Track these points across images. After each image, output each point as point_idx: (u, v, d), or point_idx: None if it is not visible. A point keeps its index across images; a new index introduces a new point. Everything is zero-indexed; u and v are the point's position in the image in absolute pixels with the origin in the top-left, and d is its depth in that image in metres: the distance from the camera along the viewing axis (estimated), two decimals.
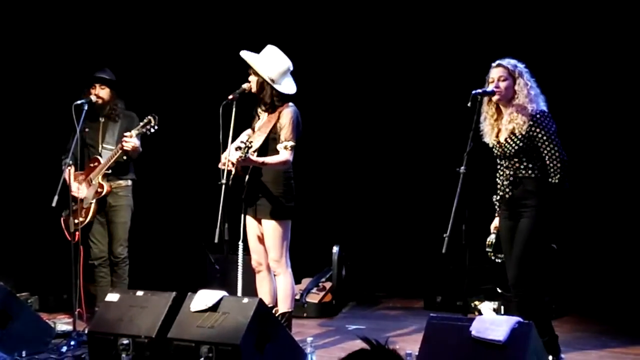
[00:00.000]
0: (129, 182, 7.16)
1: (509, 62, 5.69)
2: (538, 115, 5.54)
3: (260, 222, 6.22)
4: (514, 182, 5.66)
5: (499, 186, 5.80)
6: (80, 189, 6.99)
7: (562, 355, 5.74)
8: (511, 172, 5.66)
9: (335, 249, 8.27)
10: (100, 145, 7.06)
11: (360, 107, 9.15)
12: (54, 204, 6.33)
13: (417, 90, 8.84)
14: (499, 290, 7.83)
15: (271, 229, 6.15)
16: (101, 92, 7.02)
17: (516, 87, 5.62)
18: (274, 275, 6.27)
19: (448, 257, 5.46)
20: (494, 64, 5.76)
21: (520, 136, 5.56)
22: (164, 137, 7.33)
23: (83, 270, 6.89)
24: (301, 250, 8.14)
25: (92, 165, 7.04)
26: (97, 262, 7.14)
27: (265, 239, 6.18)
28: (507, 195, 5.71)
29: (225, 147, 6.11)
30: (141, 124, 6.78)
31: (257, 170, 6.13)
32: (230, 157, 5.93)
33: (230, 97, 6.12)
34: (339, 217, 9.11)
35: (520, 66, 5.68)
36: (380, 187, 9.16)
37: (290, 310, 6.22)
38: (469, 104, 5.65)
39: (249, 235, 6.30)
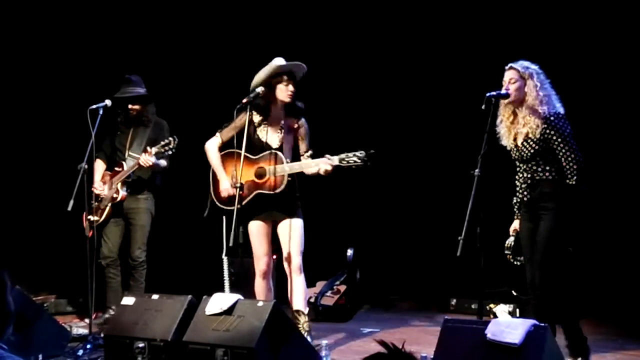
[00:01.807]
0: (151, 187, 7.26)
1: (520, 64, 5.70)
2: (552, 118, 5.53)
3: (278, 222, 6.23)
4: (532, 185, 5.66)
5: (517, 189, 5.80)
6: (103, 188, 7.14)
7: (591, 358, 5.70)
8: (529, 175, 5.66)
9: (349, 252, 8.27)
10: (127, 151, 7.19)
11: (375, 109, 9.15)
12: (69, 208, 6.39)
13: (432, 93, 8.84)
14: (514, 293, 7.79)
15: (300, 226, 6.22)
16: (134, 106, 7.20)
17: (526, 89, 5.63)
18: (295, 276, 6.23)
19: (463, 259, 5.46)
20: (506, 67, 5.76)
21: (535, 139, 5.56)
22: (180, 140, 7.37)
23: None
24: (316, 253, 8.15)
25: (117, 169, 7.19)
26: (105, 262, 7.21)
27: (293, 237, 6.19)
28: (525, 198, 5.70)
29: (240, 149, 6.10)
30: (162, 143, 6.89)
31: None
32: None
33: (245, 100, 6.15)
34: (354, 220, 9.10)
35: (533, 68, 5.68)
36: (394, 190, 9.15)
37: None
38: (483, 107, 5.66)
39: (260, 239, 6.27)
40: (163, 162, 7.14)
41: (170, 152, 6.90)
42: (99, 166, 7.28)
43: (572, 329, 5.58)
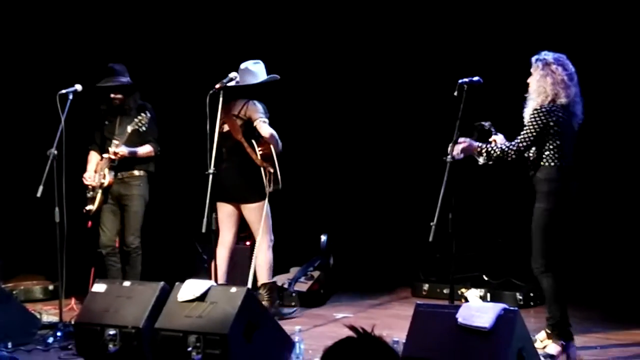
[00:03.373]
0: (142, 173, 7.22)
1: (536, 56, 5.80)
2: (533, 109, 5.69)
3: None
4: (529, 169, 5.81)
5: None
6: (93, 177, 7.12)
7: (574, 344, 5.74)
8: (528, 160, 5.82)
9: (323, 238, 8.27)
10: (114, 138, 7.11)
11: (348, 96, 9.13)
12: (38, 194, 6.34)
13: (405, 79, 8.83)
14: (486, 278, 7.86)
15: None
16: (117, 95, 7.13)
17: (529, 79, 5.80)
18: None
19: (435, 245, 5.49)
20: None
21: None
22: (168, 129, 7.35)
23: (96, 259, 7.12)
24: (289, 239, 8.16)
25: (105, 156, 7.16)
26: (105, 251, 7.20)
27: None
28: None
29: (212, 136, 6.10)
30: (135, 121, 6.89)
31: None
32: None
33: (217, 86, 6.14)
34: (327, 206, 9.10)
35: (546, 57, 5.75)
36: (367, 176, 9.15)
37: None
38: (455, 93, 5.69)
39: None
40: (143, 150, 7.12)
41: (144, 128, 6.89)
42: (93, 157, 7.26)
43: (555, 307, 5.70)
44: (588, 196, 8.11)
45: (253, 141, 6.83)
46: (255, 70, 6.90)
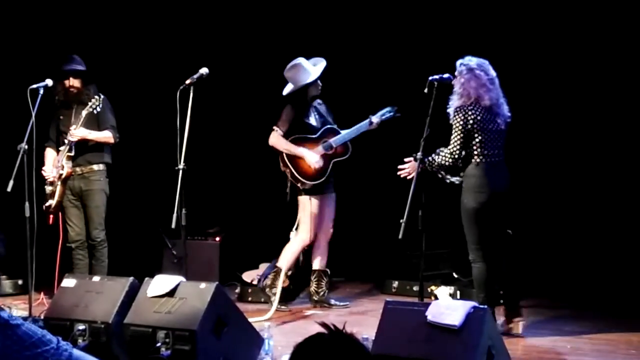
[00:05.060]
0: (102, 167, 7.25)
1: (460, 60, 6.13)
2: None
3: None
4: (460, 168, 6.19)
5: None
6: (51, 171, 7.14)
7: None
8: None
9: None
10: (70, 131, 7.09)
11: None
12: (9, 189, 6.33)
13: (376, 77, 8.85)
14: (455, 275, 7.90)
15: None
16: (75, 83, 7.14)
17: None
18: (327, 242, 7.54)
19: (405, 242, 5.52)
20: None
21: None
22: (122, 121, 7.32)
23: (61, 254, 7.09)
24: (259, 235, 8.16)
25: (61, 149, 7.17)
26: (74, 245, 7.25)
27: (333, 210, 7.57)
28: None
29: (182, 132, 6.09)
30: (89, 104, 6.95)
31: None
32: None
33: (188, 81, 6.14)
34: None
35: (470, 62, 6.09)
36: (336, 173, 9.15)
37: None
38: (425, 90, 5.73)
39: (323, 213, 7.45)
40: (102, 135, 7.11)
41: (97, 109, 6.95)
42: (49, 154, 7.28)
43: (483, 292, 6.10)
44: (558, 197, 8.25)
45: None
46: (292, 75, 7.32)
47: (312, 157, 7.23)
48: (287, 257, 7.41)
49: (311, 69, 7.32)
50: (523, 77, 8.01)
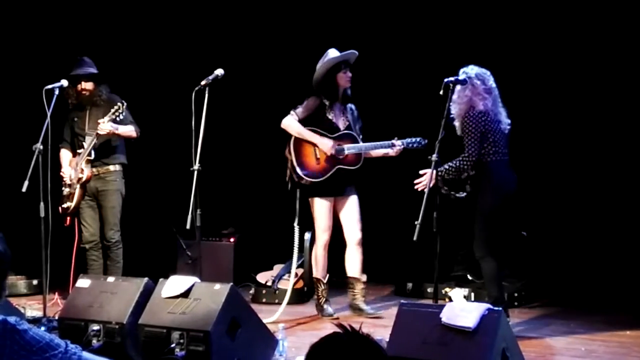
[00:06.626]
0: (118, 167, 7.29)
1: (463, 68, 6.23)
2: None
3: (342, 198, 7.27)
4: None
5: None
6: (70, 173, 7.17)
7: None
8: None
9: (307, 236, 8.26)
10: (86, 133, 7.16)
11: None
12: (24, 189, 6.36)
13: (391, 79, 8.84)
14: (470, 277, 7.88)
15: (358, 203, 7.32)
16: (87, 86, 7.17)
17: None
18: (357, 247, 7.31)
19: (419, 244, 5.50)
20: None
21: None
22: (137, 122, 7.33)
23: (76, 255, 7.15)
24: (273, 236, 8.16)
25: (79, 151, 7.19)
26: (88, 246, 7.27)
27: (356, 212, 7.31)
28: None
29: (197, 133, 6.09)
30: (112, 110, 6.94)
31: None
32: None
33: (203, 83, 6.15)
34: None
35: (470, 72, 6.19)
36: None
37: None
38: (441, 92, 5.72)
39: (330, 215, 7.23)
40: (126, 128, 7.14)
41: (120, 117, 6.95)
42: (65, 155, 7.32)
43: (495, 289, 6.15)
44: (574, 199, 8.22)
45: None
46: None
47: (326, 143, 6.96)
48: (315, 265, 7.32)
49: (338, 54, 7.04)
50: (532, 78, 8.00)
